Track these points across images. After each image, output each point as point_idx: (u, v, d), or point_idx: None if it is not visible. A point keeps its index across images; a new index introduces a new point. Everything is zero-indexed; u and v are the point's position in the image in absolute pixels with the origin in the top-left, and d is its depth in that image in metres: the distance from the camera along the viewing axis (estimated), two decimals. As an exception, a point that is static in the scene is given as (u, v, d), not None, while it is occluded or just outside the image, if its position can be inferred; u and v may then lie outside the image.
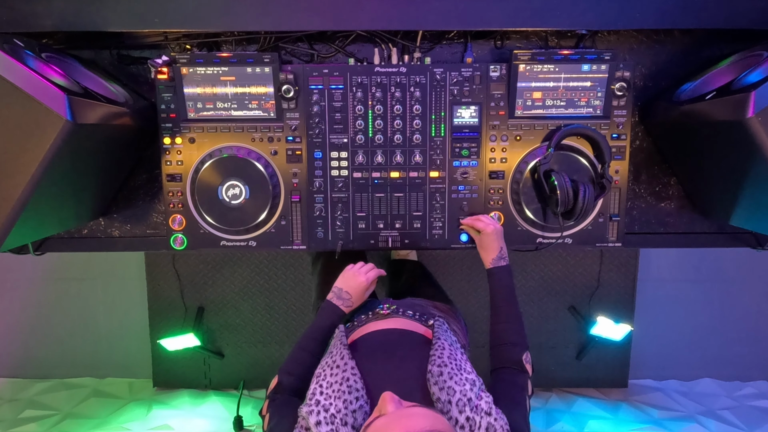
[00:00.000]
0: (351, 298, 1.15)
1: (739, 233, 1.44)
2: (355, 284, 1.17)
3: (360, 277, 1.18)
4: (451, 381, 0.84)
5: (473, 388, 0.84)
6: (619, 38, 1.36)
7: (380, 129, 1.30)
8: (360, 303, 1.18)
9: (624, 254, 2.45)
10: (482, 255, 1.22)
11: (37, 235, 1.25)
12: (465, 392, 0.83)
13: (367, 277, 1.18)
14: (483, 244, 1.22)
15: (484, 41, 1.37)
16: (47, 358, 2.59)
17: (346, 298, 1.15)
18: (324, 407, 0.83)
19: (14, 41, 1.06)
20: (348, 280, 1.18)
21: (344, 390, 0.84)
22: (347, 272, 1.20)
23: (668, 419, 2.29)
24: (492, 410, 0.82)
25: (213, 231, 1.32)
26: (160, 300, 2.49)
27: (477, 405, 0.81)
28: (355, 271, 1.19)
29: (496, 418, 0.81)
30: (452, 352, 0.92)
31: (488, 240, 1.20)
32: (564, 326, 2.51)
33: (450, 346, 0.94)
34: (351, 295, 1.15)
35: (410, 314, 1.11)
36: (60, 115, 0.92)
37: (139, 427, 2.27)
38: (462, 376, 0.86)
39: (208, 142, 1.29)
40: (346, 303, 1.15)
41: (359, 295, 1.17)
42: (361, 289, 1.17)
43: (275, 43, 1.34)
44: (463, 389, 0.83)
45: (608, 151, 1.25)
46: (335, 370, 0.89)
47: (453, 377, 0.85)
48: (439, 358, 0.90)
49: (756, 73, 1.06)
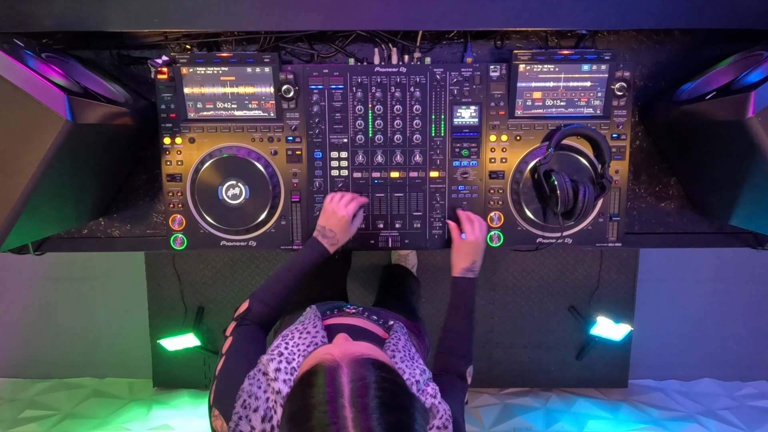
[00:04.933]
0: (336, 235, 1.12)
1: (739, 233, 1.44)
2: (336, 220, 1.13)
3: (340, 211, 1.13)
4: (402, 364, 0.86)
5: (423, 375, 0.85)
6: (619, 38, 1.37)
7: (380, 129, 1.30)
8: (346, 240, 1.14)
9: (624, 254, 2.45)
10: (454, 260, 1.19)
11: (37, 235, 1.25)
12: (414, 375, 0.84)
13: (348, 210, 1.14)
14: (461, 250, 1.19)
15: (484, 41, 1.37)
16: (47, 358, 2.59)
17: (330, 236, 1.12)
18: (287, 359, 0.82)
19: (14, 41, 1.06)
20: (329, 216, 1.14)
21: (310, 351, 0.82)
22: (326, 207, 1.15)
23: (668, 419, 2.29)
24: (437, 394, 0.83)
25: (213, 231, 1.32)
26: (160, 300, 2.49)
27: (424, 389, 0.82)
28: (334, 205, 1.15)
29: (440, 401, 0.82)
30: (406, 345, 0.93)
31: (468, 248, 1.18)
32: (564, 326, 2.51)
33: (406, 341, 0.95)
34: (335, 232, 1.12)
35: (374, 318, 1.10)
36: (60, 115, 0.92)
37: (139, 427, 2.27)
38: (413, 364, 0.87)
39: (208, 142, 1.29)
40: (331, 241, 1.12)
41: (343, 230, 1.13)
42: (343, 224, 1.13)
43: (275, 43, 1.34)
44: (412, 372, 0.84)
45: (608, 151, 1.25)
46: (304, 334, 0.89)
47: (404, 361, 0.87)
48: (393, 346, 0.91)
49: (756, 73, 1.06)
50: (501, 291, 2.50)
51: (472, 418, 2.31)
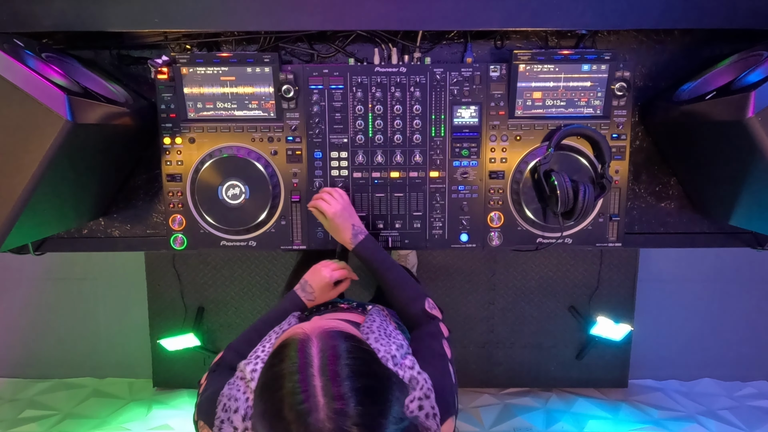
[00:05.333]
0: (314, 293, 1.14)
1: (739, 233, 1.44)
2: (319, 279, 1.14)
3: (324, 271, 1.15)
4: (377, 343, 0.85)
5: (399, 350, 0.85)
6: (619, 38, 1.37)
7: (380, 129, 1.30)
8: (323, 300, 1.16)
9: (624, 254, 2.45)
10: (337, 239, 1.20)
11: (37, 235, 1.24)
12: (389, 351, 0.84)
13: (332, 274, 1.15)
14: (333, 228, 1.19)
15: (484, 41, 1.37)
16: (47, 358, 2.59)
17: (309, 292, 1.13)
18: (263, 360, 0.83)
19: (14, 41, 1.06)
20: (314, 273, 1.16)
21: None
22: (316, 265, 1.17)
23: (668, 419, 2.29)
24: (415, 365, 0.82)
25: (213, 231, 1.32)
26: (160, 300, 2.49)
27: (401, 363, 0.82)
28: (321, 266, 1.17)
29: (419, 371, 0.81)
30: (381, 325, 0.93)
31: (338, 220, 1.17)
32: (564, 326, 2.51)
33: (381, 321, 0.95)
34: (314, 289, 1.14)
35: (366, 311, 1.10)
36: (60, 115, 0.92)
37: (139, 427, 2.27)
38: (389, 341, 0.87)
39: (208, 142, 1.29)
40: (309, 296, 1.13)
41: (322, 291, 1.14)
42: (323, 285, 1.14)
43: (275, 43, 1.34)
44: (388, 349, 0.84)
45: (608, 151, 1.25)
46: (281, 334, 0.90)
47: (379, 340, 0.87)
48: (368, 327, 0.91)
49: (756, 73, 1.06)
50: (501, 291, 2.50)
51: (472, 418, 2.31)
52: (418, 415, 0.77)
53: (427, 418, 0.77)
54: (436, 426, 0.77)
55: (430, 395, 0.79)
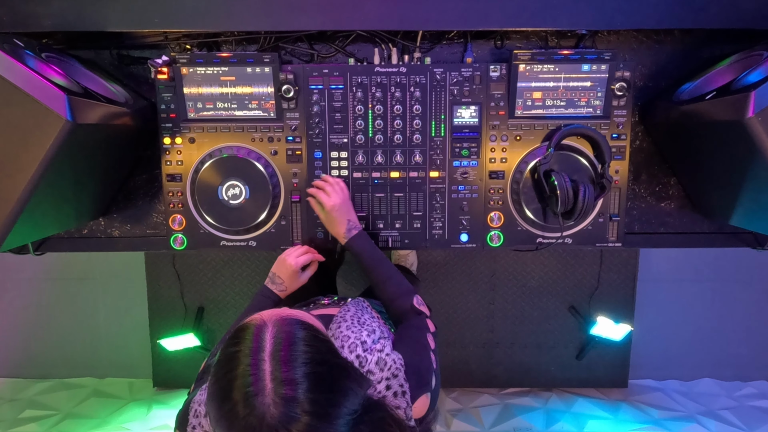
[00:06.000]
0: (284, 283, 1.15)
1: (739, 233, 1.44)
2: (284, 268, 1.15)
3: (288, 260, 1.16)
4: (348, 331, 0.86)
5: (370, 336, 0.86)
6: (619, 38, 1.37)
7: (380, 129, 1.30)
8: (294, 288, 1.17)
9: (624, 254, 2.45)
10: (331, 231, 1.20)
11: (37, 235, 1.25)
12: (360, 337, 0.85)
13: (296, 261, 1.16)
14: (329, 220, 1.19)
15: (484, 41, 1.37)
16: (47, 358, 2.59)
17: (278, 282, 1.14)
18: None
19: (14, 41, 1.06)
20: (280, 264, 1.16)
21: None
22: (281, 256, 1.18)
23: (668, 419, 2.29)
24: (386, 348, 0.83)
25: (213, 231, 1.32)
26: (160, 300, 2.49)
27: (371, 347, 0.83)
28: (285, 255, 1.17)
29: (388, 353, 0.82)
30: (356, 314, 0.93)
31: (335, 214, 1.18)
32: (564, 326, 2.51)
33: (356, 311, 0.95)
34: (283, 279, 1.15)
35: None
36: (60, 115, 0.92)
37: (139, 427, 2.27)
38: (360, 328, 0.88)
39: (208, 142, 1.29)
40: (279, 287, 1.14)
41: (290, 278, 1.15)
42: (290, 273, 1.15)
43: (275, 43, 1.34)
44: (358, 335, 0.85)
45: (608, 151, 1.25)
46: None
47: (350, 329, 0.87)
48: (341, 317, 0.92)
49: (756, 73, 1.06)
50: (501, 291, 2.50)
51: (472, 418, 2.31)
52: (386, 395, 0.78)
53: (396, 397, 0.78)
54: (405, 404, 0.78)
55: (398, 373, 0.80)
